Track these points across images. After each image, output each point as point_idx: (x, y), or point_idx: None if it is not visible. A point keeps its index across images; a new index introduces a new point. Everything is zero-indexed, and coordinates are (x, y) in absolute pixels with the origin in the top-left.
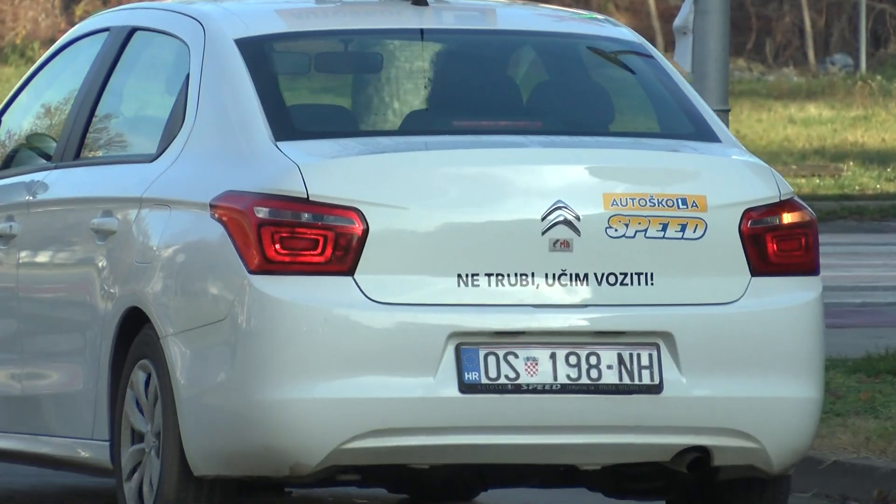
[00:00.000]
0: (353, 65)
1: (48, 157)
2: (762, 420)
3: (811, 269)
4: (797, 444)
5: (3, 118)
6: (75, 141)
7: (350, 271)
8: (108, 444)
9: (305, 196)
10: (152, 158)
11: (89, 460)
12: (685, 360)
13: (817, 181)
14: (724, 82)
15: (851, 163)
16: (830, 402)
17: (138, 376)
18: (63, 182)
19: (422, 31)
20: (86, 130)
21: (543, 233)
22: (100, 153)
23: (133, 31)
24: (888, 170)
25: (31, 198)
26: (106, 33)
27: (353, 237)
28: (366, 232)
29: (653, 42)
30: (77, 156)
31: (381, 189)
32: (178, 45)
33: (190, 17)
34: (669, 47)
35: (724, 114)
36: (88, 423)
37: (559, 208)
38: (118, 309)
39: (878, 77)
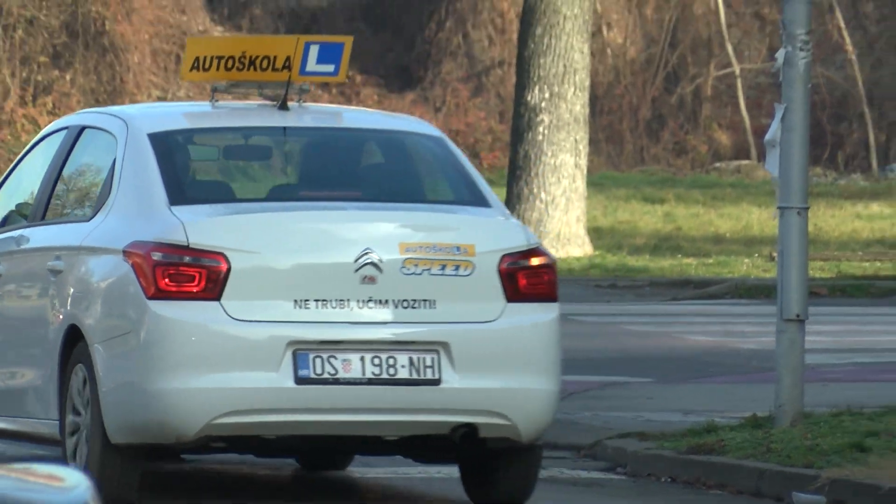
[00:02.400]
0: (233, 152)
1: (27, 219)
2: (513, 405)
3: (551, 297)
4: (540, 423)
5: (1, 191)
6: (42, 207)
7: (218, 297)
8: (57, 422)
9: (186, 244)
10: (89, 218)
11: (46, 434)
12: (458, 362)
13: (878, 265)
14: (804, 185)
15: None
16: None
17: (78, 375)
18: (34, 236)
19: (284, 128)
20: (49, 199)
21: (356, 271)
22: (57, 215)
23: (83, 129)
24: None
25: (15, 247)
26: (65, 131)
27: (220, 273)
28: (229, 270)
29: (747, 153)
30: (43, 217)
31: (240, 239)
32: (109, 138)
33: (119, 117)
34: (761, 157)
35: (804, 210)
36: (46, 408)
37: (367, 253)
38: (63, 326)
39: None
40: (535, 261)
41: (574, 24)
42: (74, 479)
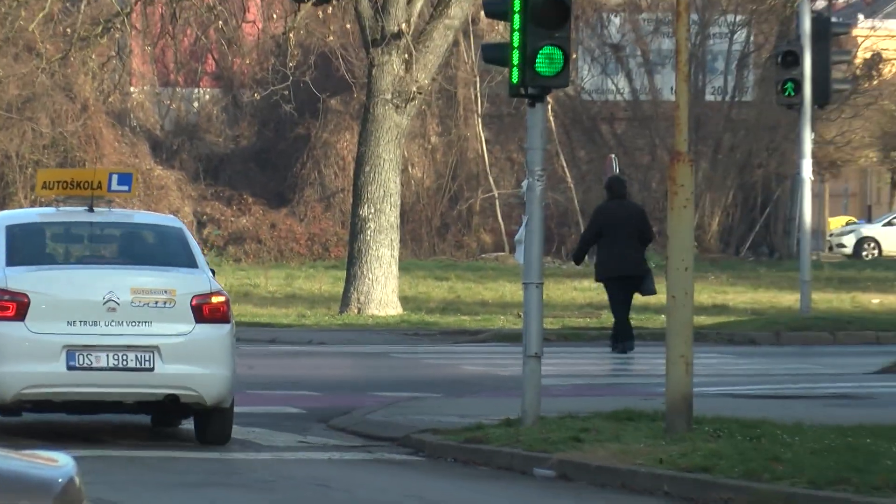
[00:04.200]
0: (57, 236)
1: None
2: (198, 383)
3: (225, 320)
4: (217, 394)
5: None
6: None
7: (23, 319)
8: None
9: (6, 287)
10: None
11: None
12: (165, 358)
13: (588, 320)
14: (540, 268)
15: None
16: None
17: None
18: None
19: (89, 222)
20: None
21: (103, 304)
22: None
23: None
24: None
25: None
26: None
27: (24, 305)
28: (29, 303)
29: (502, 248)
30: None
31: (37, 285)
32: None
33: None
34: (512, 250)
35: (540, 285)
36: None
37: (111, 293)
38: None
39: None
40: (214, 299)
41: (390, 164)
42: (64, 461)
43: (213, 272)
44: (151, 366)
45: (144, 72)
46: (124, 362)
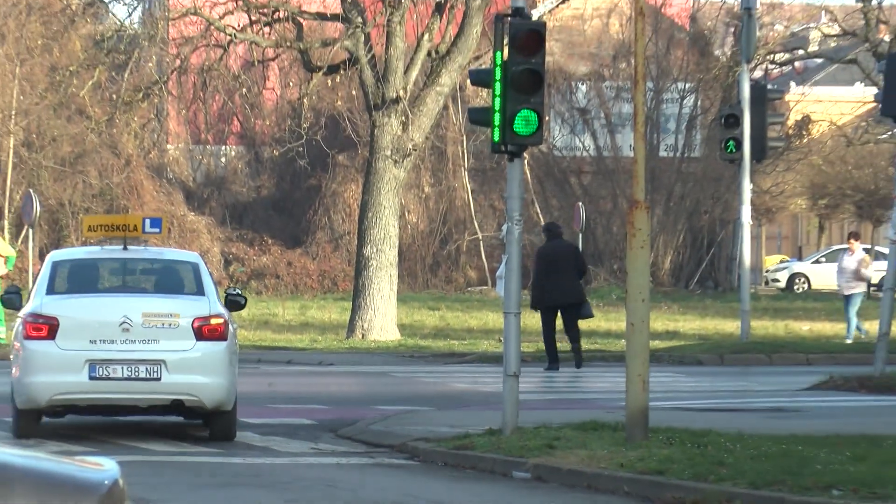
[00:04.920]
0: (96, 268)
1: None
2: (198, 390)
3: (223, 338)
4: (215, 399)
5: None
6: None
7: (53, 338)
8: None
9: (41, 312)
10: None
11: None
12: (170, 369)
13: (561, 345)
14: (518, 300)
15: None
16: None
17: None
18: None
19: (122, 258)
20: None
21: (119, 325)
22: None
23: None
24: None
25: None
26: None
27: (55, 327)
28: (58, 324)
29: (486, 282)
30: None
31: (66, 309)
32: (46, 263)
33: (50, 254)
34: (494, 285)
35: (518, 314)
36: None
37: (125, 316)
38: None
39: None
40: (212, 321)
41: (390, 211)
42: (109, 465)
43: (244, 300)
44: (159, 376)
45: (179, 131)
46: (136, 373)
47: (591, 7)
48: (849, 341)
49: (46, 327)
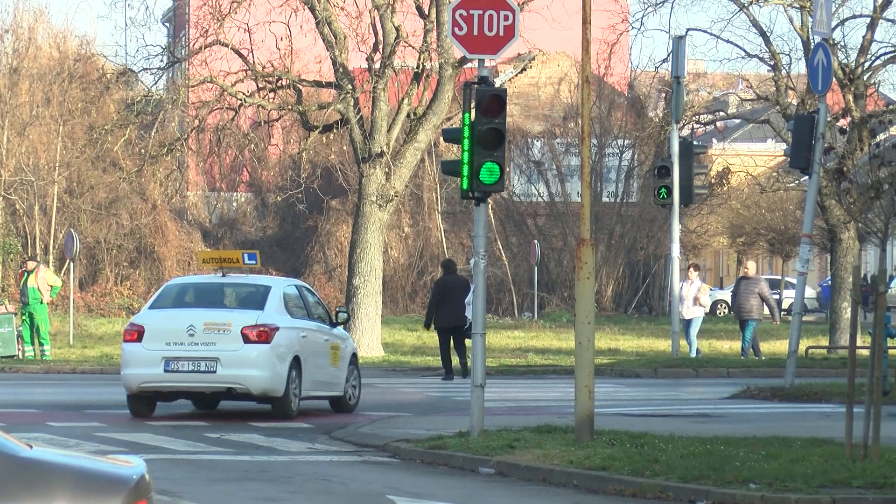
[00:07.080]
0: (190, 290)
1: None
2: (246, 380)
3: (266, 341)
4: (261, 387)
5: None
6: None
7: (140, 341)
8: None
9: (135, 322)
10: None
11: None
12: (224, 365)
13: (519, 360)
14: (484, 322)
15: None
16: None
17: None
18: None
19: (216, 283)
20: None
21: (186, 331)
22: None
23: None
24: None
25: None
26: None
27: (142, 332)
28: (144, 331)
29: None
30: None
31: (150, 320)
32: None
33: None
34: None
35: (483, 334)
36: None
37: (191, 325)
38: None
39: None
40: (257, 329)
41: (375, 248)
42: (137, 462)
43: (347, 316)
44: (215, 369)
45: (197, 180)
46: (198, 367)
47: (545, 76)
48: (693, 355)
49: (136, 333)
